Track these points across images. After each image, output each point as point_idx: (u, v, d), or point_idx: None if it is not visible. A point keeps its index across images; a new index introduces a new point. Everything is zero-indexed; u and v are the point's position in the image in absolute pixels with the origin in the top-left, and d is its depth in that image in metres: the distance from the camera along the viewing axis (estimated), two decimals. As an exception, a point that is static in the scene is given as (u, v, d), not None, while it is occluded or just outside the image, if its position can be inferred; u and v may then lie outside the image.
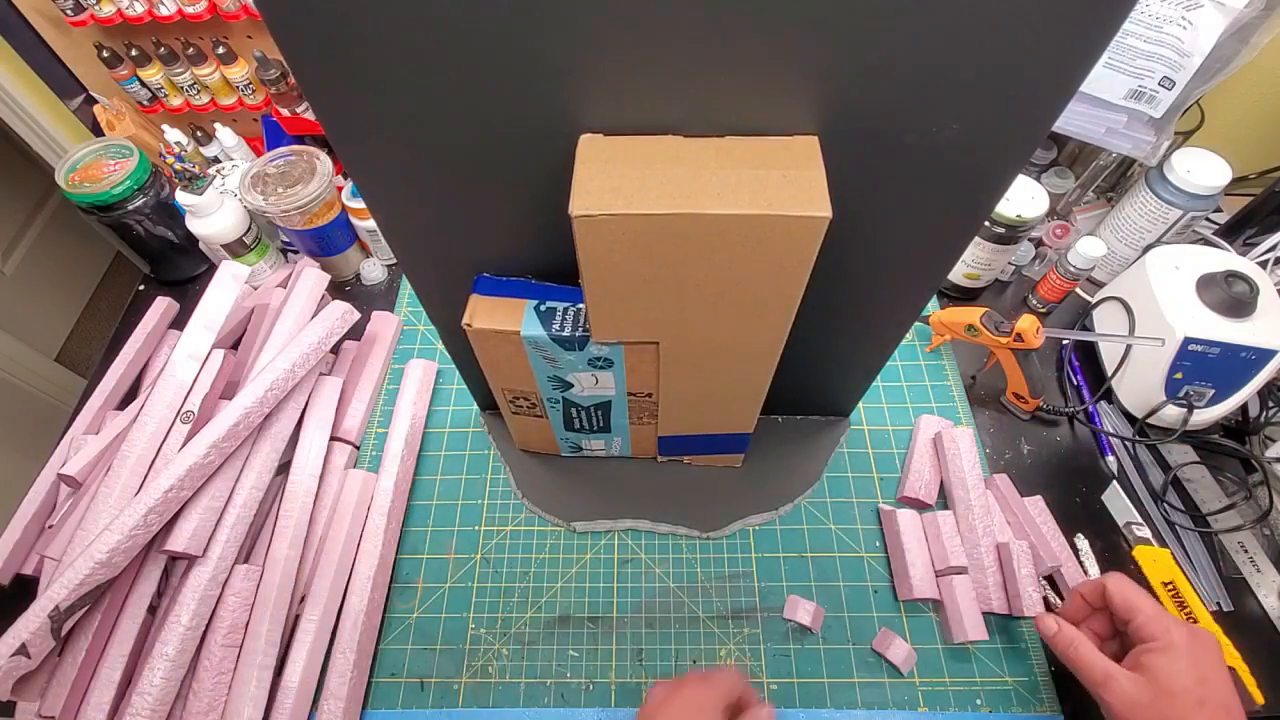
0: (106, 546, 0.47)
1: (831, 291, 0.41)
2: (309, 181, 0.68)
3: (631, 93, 0.31)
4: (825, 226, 0.31)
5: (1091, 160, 0.74)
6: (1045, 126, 0.32)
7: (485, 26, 0.28)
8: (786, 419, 0.66)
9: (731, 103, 0.31)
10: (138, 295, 0.79)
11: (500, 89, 0.31)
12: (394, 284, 0.79)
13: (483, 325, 0.42)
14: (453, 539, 0.60)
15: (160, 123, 0.86)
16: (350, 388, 0.66)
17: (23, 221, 1.62)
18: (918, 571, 0.55)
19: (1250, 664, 0.52)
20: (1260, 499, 0.60)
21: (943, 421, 0.64)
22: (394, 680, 0.54)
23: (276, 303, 0.66)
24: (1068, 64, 0.29)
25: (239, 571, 0.52)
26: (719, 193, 0.31)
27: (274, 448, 0.57)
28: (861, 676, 0.53)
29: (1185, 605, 0.55)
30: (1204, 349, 0.59)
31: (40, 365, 1.41)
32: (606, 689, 0.53)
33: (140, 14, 0.77)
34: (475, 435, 0.66)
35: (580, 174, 0.32)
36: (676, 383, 0.47)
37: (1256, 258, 0.68)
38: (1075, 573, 0.56)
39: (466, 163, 0.35)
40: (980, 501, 0.57)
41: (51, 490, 0.60)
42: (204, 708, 0.49)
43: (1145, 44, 0.59)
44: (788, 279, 0.35)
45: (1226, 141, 0.68)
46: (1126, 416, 0.66)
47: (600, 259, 0.34)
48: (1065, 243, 0.75)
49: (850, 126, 0.32)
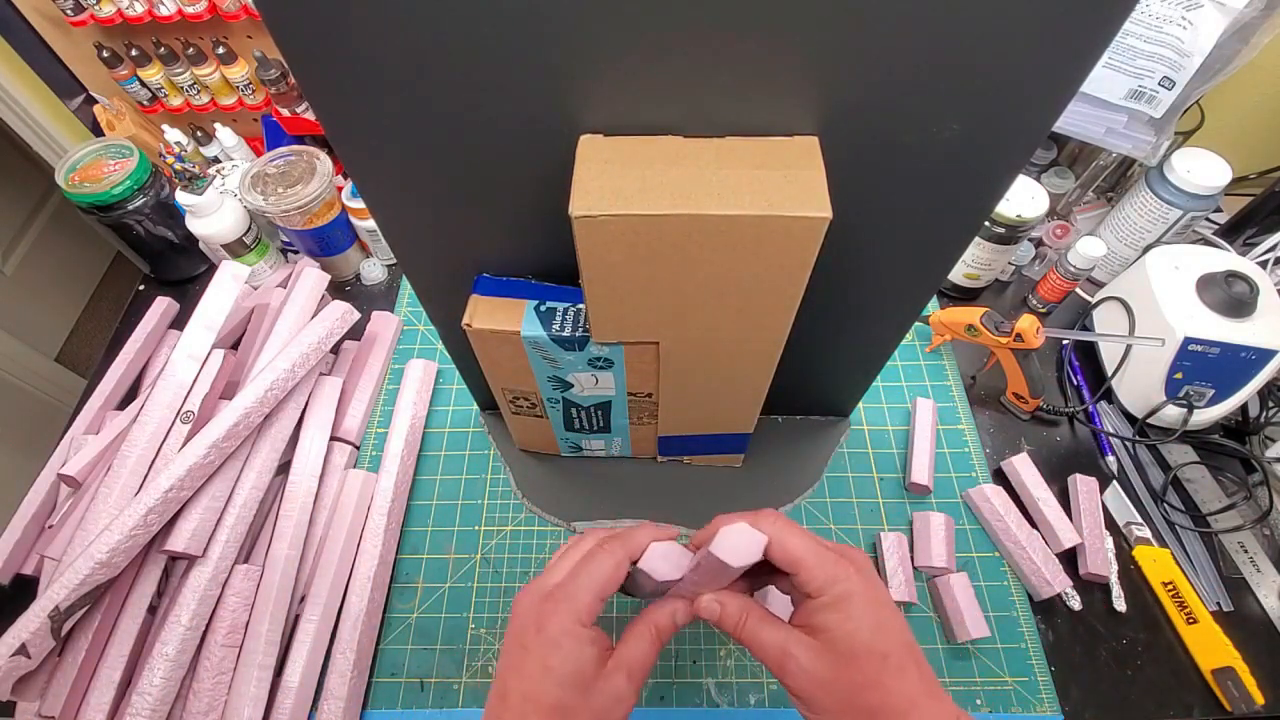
0: (106, 546, 0.47)
1: (831, 291, 0.41)
2: (309, 181, 0.68)
3: (631, 93, 0.31)
4: (825, 227, 0.31)
5: (1091, 160, 0.74)
6: (1046, 126, 0.32)
7: (486, 28, 0.28)
8: (786, 419, 0.66)
9: (731, 103, 0.31)
10: (138, 295, 0.79)
11: (501, 90, 0.31)
12: (394, 284, 0.79)
13: (483, 325, 0.42)
14: (453, 539, 0.60)
15: (160, 123, 0.86)
16: (350, 388, 0.66)
17: (23, 221, 1.62)
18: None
19: (1250, 664, 0.52)
20: (1260, 499, 0.60)
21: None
22: (394, 680, 0.54)
23: (276, 303, 0.66)
24: (1068, 64, 0.29)
25: (239, 571, 0.52)
26: (719, 193, 0.31)
27: (274, 448, 0.57)
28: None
29: (1185, 605, 0.55)
30: (1204, 349, 0.59)
31: (40, 365, 1.41)
32: (606, 689, 0.53)
33: (140, 14, 0.77)
34: (475, 435, 0.66)
35: (580, 174, 0.32)
36: (676, 383, 0.47)
37: (1256, 258, 0.68)
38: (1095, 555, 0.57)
39: (466, 164, 0.35)
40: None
41: (51, 490, 0.60)
42: (204, 708, 0.49)
43: (1145, 44, 0.59)
44: (788, 279, 0.35)
45: (1226, 141, 0.68)
46: (1126, 416, 0.66)
47: (600, 259, 0.34)
48: (1065, 243, 0.75)
49: (850, 127, 0.32)
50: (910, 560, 0.57)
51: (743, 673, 0.54)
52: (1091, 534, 0.57)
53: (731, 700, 0.53)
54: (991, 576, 0.58)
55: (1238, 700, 0.51)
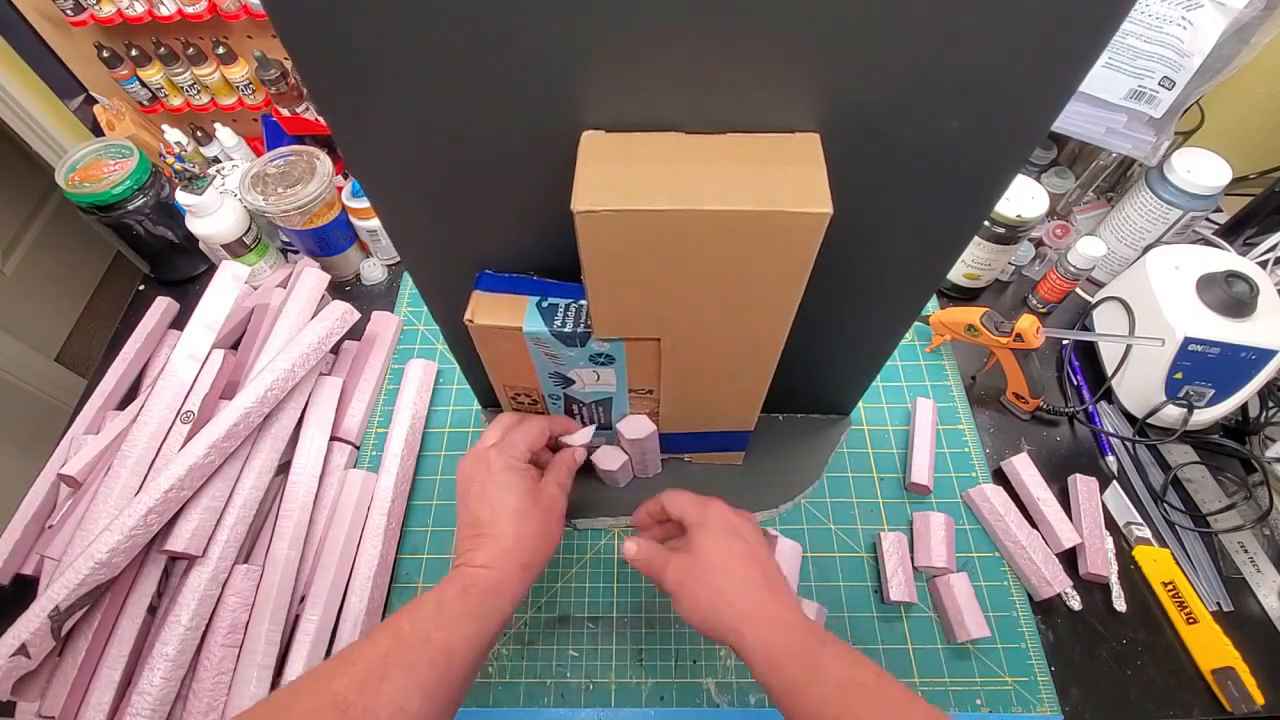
0: (106, 546, 0.47)
1: (832, 290, 0.41)
2: (309, 181, 0.68)
3: (633, 90, 0.31)
4: (826, 223, 0.31)
5: (1091, 160, 0.74)
6: (1046, 125, 0.32)
7: (489, 25, 0.28)
8: (787, 417, 0.66)
9: (733, 100, 0.31)
10: (138, 295, 0.79)
11: (504, 87, 0.31)
12: (394, 284, 0.79)
13: (485, 321, 0.42)
14: (452, 539, 0.60)
15: (160, 123, 0.87)
16: (350, 388, 0.66)
17: (23, 221, 1.62)
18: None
19: (1250, 664, 0.52)
20: (1260, 499, 0.60)
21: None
22: (394, 680, 0.54)
23: (276, 303, 0.66)
24: (1068, 63, 0.29)
25: (239, 571, 0.52)
26: (720, 189, 0.31)
27: (274, 448, 0.57)
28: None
29: (1185, 605, 0.55)
30: (1204, 349, 0.59)
31: (40, 365, 1.41)
32: (606, 689, 0.53)
33: (140, 14, 0.77)
34: (476, 435, 0.66)
35: (582, 170, 0.32)
36: (677, 379, 0.47)
37: (1256, 258, 0.68)
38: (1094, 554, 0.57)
39: (469, 160, 0.36)
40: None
41: (51, 490, 0.60)
42: (204, 708, 0.48)
43: (1145, 44, 0.59)
44: (789, 276, 0.35)
45: (1226, 141, 0.68)
46: (1126, 416, 0.66)
47: (602, 255, 0.34)
48: (1065, 243, 0.76)
49: (851, 124, 0.32)
50: (910, 560, 0.57)
51: (743, 673, 0.54)
52: (1091, 534, 0.57)
53: (731, 700, 0.53)
54: (991, 576, 0.58)
55: (1238, 700, 0.51)
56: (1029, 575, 0.56)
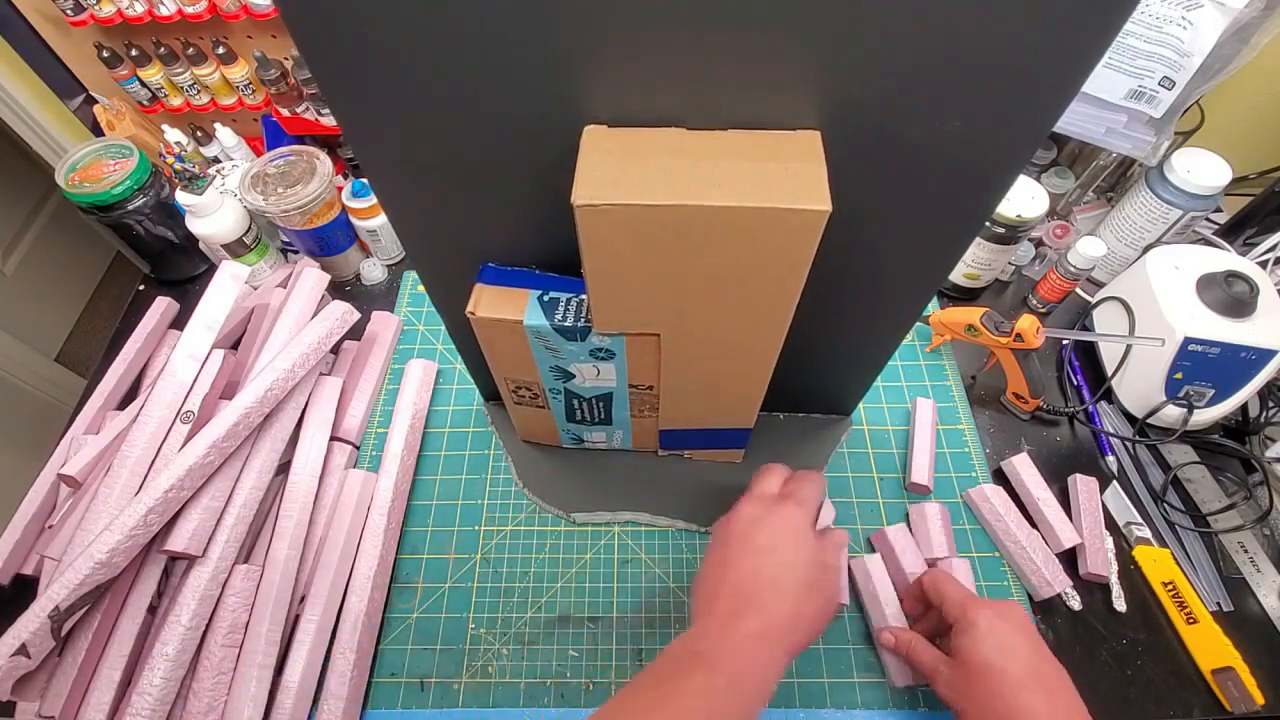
0: (106, 546, 0.47)
1: (832, 290, 0.41)
2: (309, 181, 0.68)
3: (635, 85, 0.31)
4: (825, 220, 0.31)
5: (1091, 160, 0.74)
6: (1048, 124, 0.32)
7: (494, 20, 0.28)
8: (788, 417, 0.66)
9: (735, 96, 0.31)
10: (138, 295, 0.79)
11: (507, 81, 0.31)
12: (394, 284, 0.79)
13: (486, 314, 0.42)
14: (453, 539, 0.60)
15: (160, 123, 0.87)
16: (350, 388, 0.66)
17: (23, 221, 1.62)
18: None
19: (1250, 664, 0.52)
20: (1260, 499, 0.60)
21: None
22: (394, 680, 0.54)
23: (276, 303, 0.66)
24: (1071, 62, 0.29)
25: (239, 571, 0.52)
26: (720, 185, 0.31)
27: (274, 448, 0.57)
28: (861, 676, 0.53)
29: (1185, 605, 0.55)
30: (1204, 349, 0.59)
31: (40, 365, 1.41)
32: (606, 689, 0.53)
33: (140, 14, 0.77)
34: (475, 435, 0.66)
35: (583, 164, 0.32)
36: (677, 375, 0.47)
37: (1256, 258, 0.68)
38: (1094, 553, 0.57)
39: (473, 154, 0.36)
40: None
41: (51, 490, 0.60)
42: (204, 708, 0.48)
43: (1145, 44, 0.59)
44: (788, 272, 0.35)
45: (1226, 141, 0.68)
46: (1126, 416, 0.66)
47: (602, 249, 0.34)
48: (1065, 243, 0.76)
49: (852, 121, 0.32)
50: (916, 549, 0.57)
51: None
52: (1091, 534, 0.57)
53: (732, 700, 0.53)
54: (991, 576, 0.58)
55: (1238, 700, 0.51)
56: (1029, 575, 0.56)
